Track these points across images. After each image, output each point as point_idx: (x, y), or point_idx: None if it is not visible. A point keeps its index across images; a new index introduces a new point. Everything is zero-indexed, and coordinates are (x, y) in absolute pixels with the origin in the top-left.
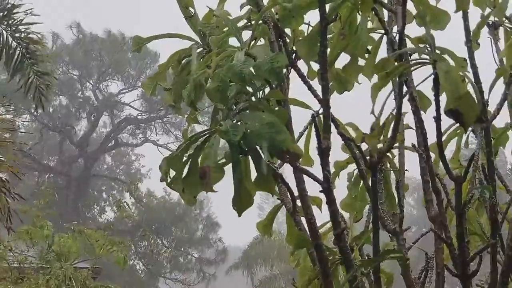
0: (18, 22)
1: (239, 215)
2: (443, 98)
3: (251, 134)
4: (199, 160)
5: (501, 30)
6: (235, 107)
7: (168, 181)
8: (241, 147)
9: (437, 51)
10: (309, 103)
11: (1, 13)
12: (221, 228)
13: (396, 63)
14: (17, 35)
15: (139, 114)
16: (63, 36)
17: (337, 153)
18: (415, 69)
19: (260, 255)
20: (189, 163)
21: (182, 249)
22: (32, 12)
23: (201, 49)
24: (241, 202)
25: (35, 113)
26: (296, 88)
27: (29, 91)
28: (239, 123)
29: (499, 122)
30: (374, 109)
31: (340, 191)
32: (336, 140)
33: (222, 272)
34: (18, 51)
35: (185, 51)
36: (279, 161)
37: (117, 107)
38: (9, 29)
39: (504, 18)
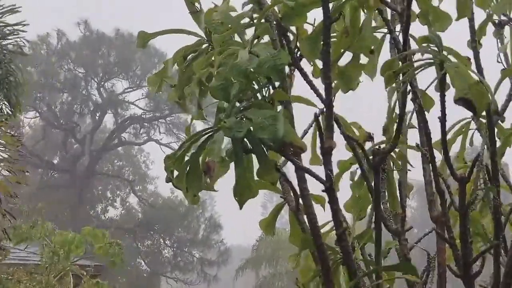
0: (6, 49)
1: (240, 207)
2: (447, 99)
3: (254, 126)
4: (201, 157)
5: (507, 29)
6: (238, 105)
7: (173, 180)
8: (244, 144)
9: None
10: (314, 101)
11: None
12: (224, 228)
13: (400, 64)
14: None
15: (143, 113)
16: (71, 33)
17: (340, 152)
18: (422, 69)
19: (266, 255)
20: (190, 161)
21: (185, 249)
22: (24, 37)
23: (206, 45)
24: (242, 192)
25: (38, 110)
26: (301, 87)
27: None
28: (243, 120)
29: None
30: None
31: (344, 190)
32: (339, 139)
33: (224, 273)
34: None
35: (190, 47)
36: (282, 159)
37: (121, 105)
38: None
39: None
